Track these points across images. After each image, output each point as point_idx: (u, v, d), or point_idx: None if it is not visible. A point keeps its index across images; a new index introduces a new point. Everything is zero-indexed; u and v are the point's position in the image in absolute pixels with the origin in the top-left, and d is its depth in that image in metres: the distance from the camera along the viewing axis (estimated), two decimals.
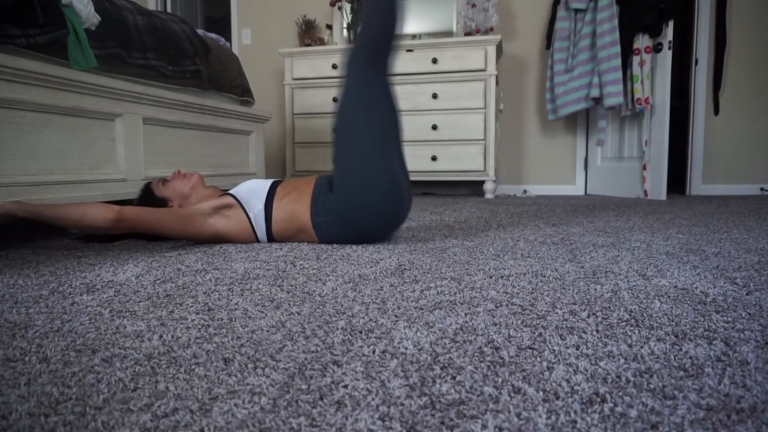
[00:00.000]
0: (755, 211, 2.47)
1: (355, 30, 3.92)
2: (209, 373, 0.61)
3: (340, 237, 1.52)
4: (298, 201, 1.51)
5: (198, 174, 1.68)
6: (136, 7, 2.02)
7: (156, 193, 1.63)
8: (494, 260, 1.28)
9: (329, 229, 1.50)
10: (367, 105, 1.48)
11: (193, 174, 1.67)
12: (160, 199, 1.62)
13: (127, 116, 1.85)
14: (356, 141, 1.46)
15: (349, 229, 1.50)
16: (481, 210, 2.67)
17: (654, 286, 1.01)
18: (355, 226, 1.49)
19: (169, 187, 1.63)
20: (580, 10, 3.47)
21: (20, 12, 1.50)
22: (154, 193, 1.63)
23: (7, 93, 1.41)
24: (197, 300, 0.94)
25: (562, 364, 0.63)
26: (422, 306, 0.89)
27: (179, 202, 1.62)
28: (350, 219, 1.48)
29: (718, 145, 3.89)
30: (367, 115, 1.47)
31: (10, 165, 1.44)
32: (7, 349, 0.70)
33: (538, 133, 4.09)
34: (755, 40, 3.79)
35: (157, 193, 1.63)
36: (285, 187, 1.56)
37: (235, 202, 1.52)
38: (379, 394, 0.56)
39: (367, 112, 1.47)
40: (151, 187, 1.66)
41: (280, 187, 1.55)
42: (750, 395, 0.54)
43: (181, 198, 1.62)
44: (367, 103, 1.48)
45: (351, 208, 1.46)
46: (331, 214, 1.48)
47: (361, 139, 1.46)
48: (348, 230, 1.50)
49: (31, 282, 1.10)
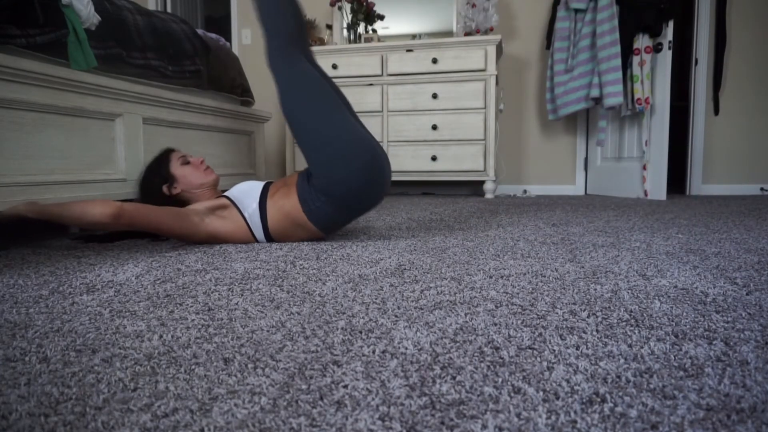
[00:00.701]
0: (755, 211, 2.47)
1: (355, 30, 3.93)
2: (209, 373, 0.61)
3: (336, 218, 1.53)
4: (287, 196, 1.52)
5: (217, 176, 1.68)
6: (136, 7, 2.02)
7: (169, 166, 1.64)
8: (494, 260, 1.28)
9: (323, 213, 1.50)
10: (302, 85, 1.52)
11: (213, 173, 1.67)
12: (168, 174, 1.63)
13: (127, 116, 1.85)
14: (307, 117, 1.50)
15: (341, 205, 1.50)
16: (481, 210, 2.67)
17: (654, 286, 1.01)
18: (343, 197, 1.49)
19: (185, 170, 1.64)
20: (580, 10, 3.47)
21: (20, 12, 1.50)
22: (168, 165, 1.64)
23: (8, 93, 1.41)
24: (197, 300, 0.94)
25: (562, 364, 0.63)
26: (422, 306, 0.89)
27: (182, 189, 1.62)
28: (336, 192, 1.47)
29: (718, 145, 3.89)
30: (306, 92, 1.51)
31: (11, 165, 1.44)
32: (7, 349, 0.70)
33: (538, 133, 4.09)
34: (755, 40, 3.79)
35: (171, 168, 1.64)
36: (276, 185, 1.58)
37: (229, 203, 1.53)
38: (379, 394, 0.56)
39: (304, 91, 1.51)
40: (168, 157, 1.67)
41: (272, 186, 1.57)
42: (750, 395, 0.54)
43: (187, 185, 1.63)
44: (301, 83, 1.52)
45: (333, 182, 1.47)
46: (319, 196, 1.48)
47: (310, 113, 1.50)
48: (340, 208, 1.50)
49: (31, 282, 1.10)
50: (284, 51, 1.54)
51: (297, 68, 1.53)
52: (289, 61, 1.53)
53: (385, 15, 4.01)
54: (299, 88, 1.52)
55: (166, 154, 1.69)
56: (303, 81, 1.52)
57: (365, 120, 3.69)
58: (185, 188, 1.63)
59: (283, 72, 1.53)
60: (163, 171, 1.64)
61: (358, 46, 3.70)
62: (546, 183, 4.10)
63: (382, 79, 3.66)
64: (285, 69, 1.53)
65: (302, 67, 1.53)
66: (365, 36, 3.89)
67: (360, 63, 3.68)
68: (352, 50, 3.71)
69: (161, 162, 1.67)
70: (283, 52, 1.53)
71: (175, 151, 1.70)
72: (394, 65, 3.63)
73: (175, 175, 1.63)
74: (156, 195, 1.63)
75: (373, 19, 3.92)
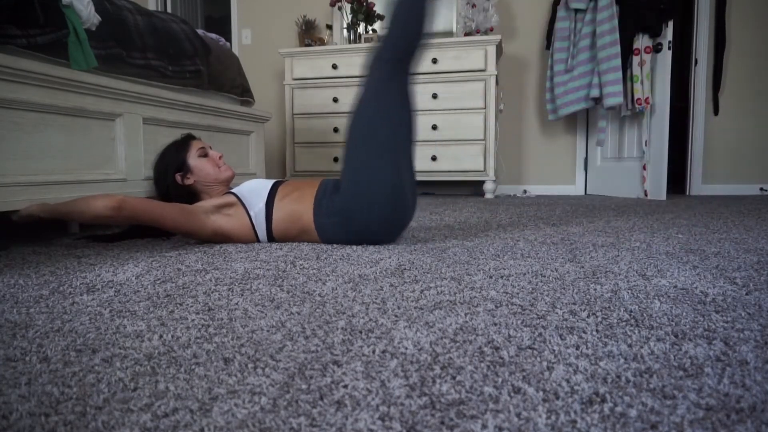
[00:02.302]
0: (755, 211, 2.47)
1: (356, 30, 3.93)
2: (209, 373, 0.62)
3: (343, 239, 1.52)
4: (299, 201, 1.51)
5: (233, 173, 1.63)
6: (136, 8, 2.03)
7: (189, 156, 1.58)
8: (494, 260, 1.28)
9: (332, 230, 1.50)
10: (384, 108, 1.45)
11: (229, 170, 1.62)
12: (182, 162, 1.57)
13: (128, 116, 1.85)
14: (368, 143, 1.44)
15: (352, 231, 1.49)
16: (481, 210, 2.67)
17: (654, 286, 1.01)
18: (357, 228, 1.48)
19: (202, 161, 1.59)
20: (580, 10, 3.47)
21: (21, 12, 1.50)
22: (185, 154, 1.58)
23: (8, 93, 1.41)
24: (197, 300, 0.94)
25: (562, 364, 0.63)
26: (422, 306, 0.89)
27: (194, 180, 1.58)
28: (353, 220, 1.47)
29: (717, 145, 3.89)
30: (382, 118, 1.44)
31: (11, 165, 1.44)
32: (8, 349, 0.70)
33: (538, 133, 4.09)
34: (755, 40, 3.79)
35: (189, 158, 1.58)
36: (286, 187, 1.56)
37: (236, 201, 1.52)
38: (379, 394, 0.56)
39: (383, 115, 1.45)
40: (188, 144, 1.61)
41: (281, 187, 1.55)
42: (749, 395, 0.54)
43: (201, 178, 1.58)
44: (385, 106, 1.45)
45: (355, 209, 1.45)
46: (336, 215, 1.47)
47: (373, 141, 1.44)
48: (350, 232, 1.49)
49: (31, 282, 1.10)
50: (394, 64, 1.45)
51: (391, 86, 1.45)
52: (390, 75, 1.46)
53: (385, 15, 4.01)
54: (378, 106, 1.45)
55: (186, 141, 1.63)
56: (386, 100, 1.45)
57: None
58: (199, 180, 1.58)
59: (381, 75, 1.45)
60: (180, 158, 1.58)
61: (359, 46, 3.70)
62: (546, 183, 4.10)
63: None
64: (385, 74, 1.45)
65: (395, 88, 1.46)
66: (365, 36, 3.89)
67: (360, 63, 3.68)
68: (352, 50, 3.71)
69: (180, 148, 1.60)
70: (393, 64, 1.45)
71: (197, 140, 1.65)
72: None
73: (191, 166, 1.58)
74: (168, 182, 1.58)
75: (373, 19, 3.92)
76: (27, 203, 1.47)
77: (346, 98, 3.73)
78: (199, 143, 1.63)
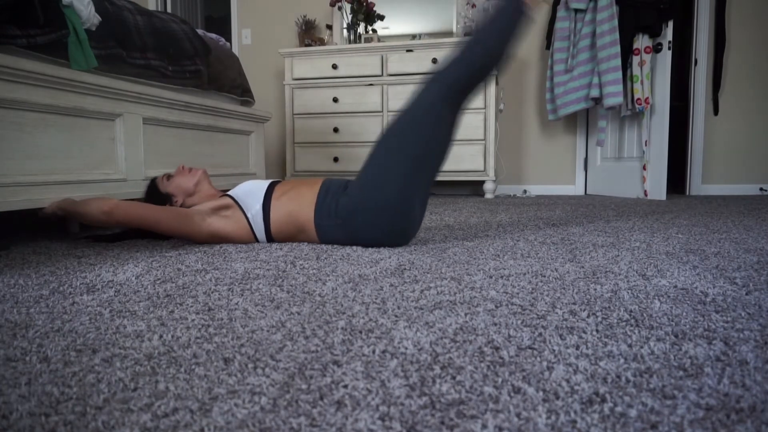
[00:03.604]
0: (755, 211, 2.47)
1: (356, 30, 3.92)
2: (209, 373, 0.62)
3: (341, 240, 1.51)
4: (297, 201, 1.50)
5: (203, 169, 1.69)
6: (136, 7, 2.02)
7: (160, 188, 1.65)
8: (494, 260, 1.28)
9: (333, 232, 1.49)
10: (425, 129, 1.42)
11: (197, 169, 1.68)
12: (165, 194, 1.63)
13: (128, 116, 1.85)
14: (395, 155, 1.42)
15: (352, 236, 1.48)
16: (481, 210, 2.67)
17: (654, 286, 1.01)
18: (359, 234, 1.47)
19: (173, 182, 1.65)
20: (579, 10, 3.47)
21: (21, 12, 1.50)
22: (159, 189, 1.65)
23: (8, 93, 1.41)
24: (197, 300, 0.94)
25: (562, 364, 0.63)
26: (422, 306, 0.89)
27: (183, 198, 1.63)
28: (357, 225, 1.45)
29: (717, 145, 3.89)
30: (419, 137, 1.42)
31: (11, 165, 1.44)
32: (8, 349, 0.70)
33: (538, 133, 4.09)
34: (755, 40, 3.79)
35: (161, 189, 1.65)
36: (283, 186, 1.55)
37: (233, 203, 1.52)
38: (379, 394, 0.56)
39: (421, 135, 1.42)
40: (156, 183, 1.68)
41: (278, 186, 1.55)
42: (749, 395, 0.54)
43: (185, 194, 1.64)
44: (426, 127, 1.42)
45: (361, 211, 1.43)
46: (338, 216, 1.46)
47: (400, 155, 1.42)
48: (351, 238, 1.49)
49: (31, 282, 1.10)
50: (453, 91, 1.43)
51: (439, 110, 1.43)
52: (444, 99, 1.43)
53: (385, 15, 4.01)
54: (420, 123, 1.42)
55: (152, 183, 1.69)
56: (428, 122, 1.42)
57: (365, 120, 3.70)
58: (184, 197, 1.64)
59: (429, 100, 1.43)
60: (160, 196, 1.64)
61: (358, 46, 3.70)
62: (546, 183, 4.10)
63: (382, 79, 3.66)
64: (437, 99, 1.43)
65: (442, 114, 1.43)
66: (365, 36, 3.89)
67: (360, 63, 3.68)
68: (352, 50, 3.71)
69: (153, 191, 1.67)
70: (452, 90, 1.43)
71: (156, 177, 1.72)
72: (394, 65, 3.63)
73: (170, 192, 1.64)
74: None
75: (373, 20, 3.92)
76: (27, 203, 1.47)
77: (346, 98, 3.73)
78: (160, 176, 1.71)
